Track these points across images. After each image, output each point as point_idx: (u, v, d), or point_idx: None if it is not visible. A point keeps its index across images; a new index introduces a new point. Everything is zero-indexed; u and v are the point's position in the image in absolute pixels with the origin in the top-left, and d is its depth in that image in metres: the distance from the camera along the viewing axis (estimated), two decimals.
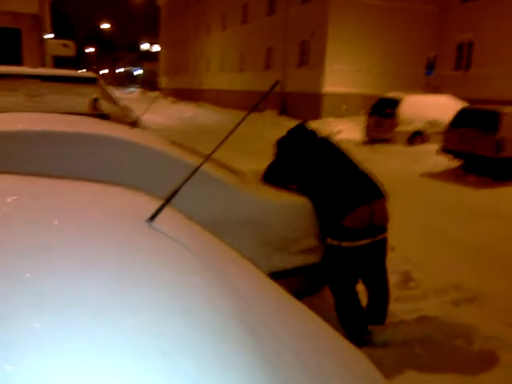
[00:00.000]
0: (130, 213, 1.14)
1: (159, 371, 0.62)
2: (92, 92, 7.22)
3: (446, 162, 10.61)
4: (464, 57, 19.54)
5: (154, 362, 0.63)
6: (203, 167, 2.91)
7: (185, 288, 0.84)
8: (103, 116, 6.55)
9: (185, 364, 0.65)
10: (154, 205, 1.06)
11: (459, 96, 14.63)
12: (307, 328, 1.15)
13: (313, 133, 3.37)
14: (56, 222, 0.96)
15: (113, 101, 7.50)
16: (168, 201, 1.06)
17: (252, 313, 0.90)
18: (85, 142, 2.60)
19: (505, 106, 10.00)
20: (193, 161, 2.85)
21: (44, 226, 0.93)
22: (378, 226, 3.01)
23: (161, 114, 22.95)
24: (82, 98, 7.16)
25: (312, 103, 20.23)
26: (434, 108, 13.63)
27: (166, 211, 1.08)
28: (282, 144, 3.35)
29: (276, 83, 1.37)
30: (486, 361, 2.73)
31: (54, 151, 2.52)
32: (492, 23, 17.70)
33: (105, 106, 7.15)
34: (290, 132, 3.37)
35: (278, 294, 1.23)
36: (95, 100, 6.93)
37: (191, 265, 0.95)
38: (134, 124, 4.10)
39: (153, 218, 1.03)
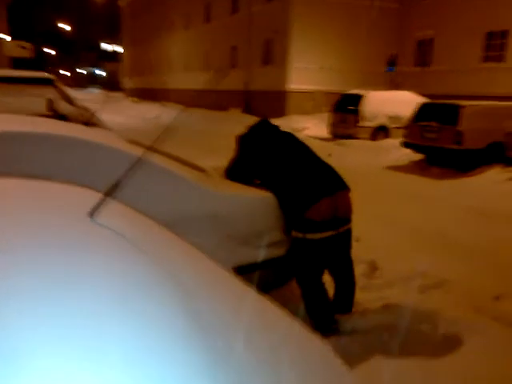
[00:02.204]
0: (70, 208, 1.09)
1: (88, 368, 0.59)
2: (48, 93, 7.01)
3: (409, 155, 10.85)
4: (425, 53, 20.01)
5: (81, 360, 0.59)
6: (164, 165, 2.88)
7: (124, 282, 0.80)
8: (60, 117, 6.36)
9: (114, 358, 0.62)
10: (98, 199, 1.02)
11: (420, 92, 14.98)
12: (264, 319, 1.12)
13: (275, 127, 3.36)
14: None
15: (70, 101, 7.30)
16: (109, 194, 1.01)
17: (198, 304, 0.87)
18: (35, 141, 2.50)
19: (464, 100, 10.30)
20: (148, 156, 2.80)
21: None
22: (341, 218, 3.03)
23: (123, 114, 22.61)
24: (38, 99, 6.94)
25: (277, 101, 20.33)
26: (396, 103, 13.93)
27: (112, 205, 1.03)
28: (244, 140, 3.33)
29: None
30: (451, 344, 2.77)
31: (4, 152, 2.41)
32: (451, 20, 18.21)
33: (62, 106, 6.94)
34: (252, 128, 3.35)
35: (233, 286, 1.19)
36: (51, 101, 6.72)
37: (132, 258, 0.90)
38: (91, 123, 4.00)
39: (93, 212, 0.98)
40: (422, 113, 10.47)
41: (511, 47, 16.48)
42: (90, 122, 4.12)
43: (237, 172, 3.28)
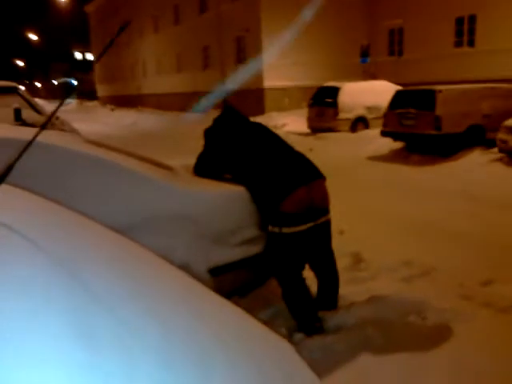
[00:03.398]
0: None
1: None
2: (13, 102, 6.75)
3: (389, 145, 10.77)
4: (396, 43, 20.03)
5: None
6: (126, 164, 2.68)
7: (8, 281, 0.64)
8: (27, 126, 6.12)
9: None
10: None
11: (396, 81, 14.94)
12: (208, 317, 0.93)
13: (242, 117, 3.18)
14: None
15: (37, 110, 7.05)
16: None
17: (102, 303, 0.69)
18: None
19: (439, 85, 10.23)
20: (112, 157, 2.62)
21: None
22: (319, 209, 2.85)
23: (100, 122, 22.30)
24: (3, 108, 6.68)
25: (254, 99, 20.17)
26: (372, 94, 13.84)
27: (11, 195, 0.85)
28: (208, 132, 3.15)
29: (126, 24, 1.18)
30: (440, 334, 2.63)
31: None
32: (418, 7, 18.24)
33: (28, 115, 6.70)
34: (216, 119, 3.17)
35: (168, 288, 1.00)
36: (17, 110, 6.47)
37: (22, 256, 0.73)
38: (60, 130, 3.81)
39: None
40: (398, 100, 10.39)
41: (480, 31, 16.55)
42: (58, 128, 3.90)
43: (205, 167, 3.10)
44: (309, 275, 3.00)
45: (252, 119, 3.26)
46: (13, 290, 0.66)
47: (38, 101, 11.32)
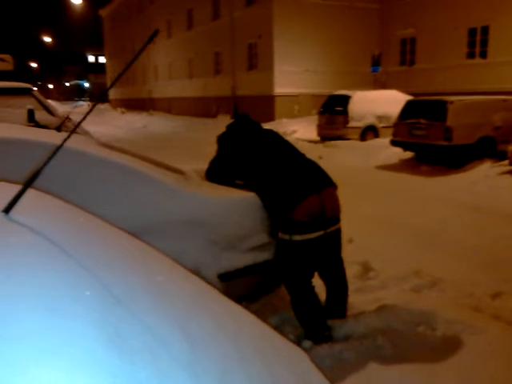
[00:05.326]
0: None
1: None
2: (26, 103, 6.82)
3: (399, 154, 10.75)
4: (407, 52, 20.05)
5: None
6: (138, 167, 2.70)
7: (38, 287, 0.64)
8: (40, 127, 6.18)
9: None
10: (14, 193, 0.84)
11: (406, 91, 14.93)
12: (226, 325, 0.94)
13: (255, 124, 3.21)
14: None
15: (50, 111, 7.12)
16: (27, 186, 0.84)
17: (127, 307, 0.70)
18: None
19: (450, 96, 10.20)
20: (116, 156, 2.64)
21: None
22: (330, 217, 2.85)
23: (111, 125, 22.46)
24: (16, 109, 6.75)
25: (264, 105, 20.23)
26: (383, 103, 13.83)
27: (36, 199, 0.86)
28: (222, 138, 3.17)
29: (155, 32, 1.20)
30: (450, 345, 2.61)
31: None
32: (431, 18, 18.24)
33: (41, 116, 6.76)
34: (230, 125, 3.20)
35: (188, 293, 1.00)
36: (30, 111, 6.53)
37: (51, 262, 0.74)
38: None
39: (10, 207, 0.81)
40: (409, 110, 10.36)
41: (492, 43, 16.51)
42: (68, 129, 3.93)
43: (217, 173, 3.12)
44: (317, 283, 3.00)
45: (264, 126, 3.29)
46: (38, 290, 0.67)
47: (51, 102, 11.46)
